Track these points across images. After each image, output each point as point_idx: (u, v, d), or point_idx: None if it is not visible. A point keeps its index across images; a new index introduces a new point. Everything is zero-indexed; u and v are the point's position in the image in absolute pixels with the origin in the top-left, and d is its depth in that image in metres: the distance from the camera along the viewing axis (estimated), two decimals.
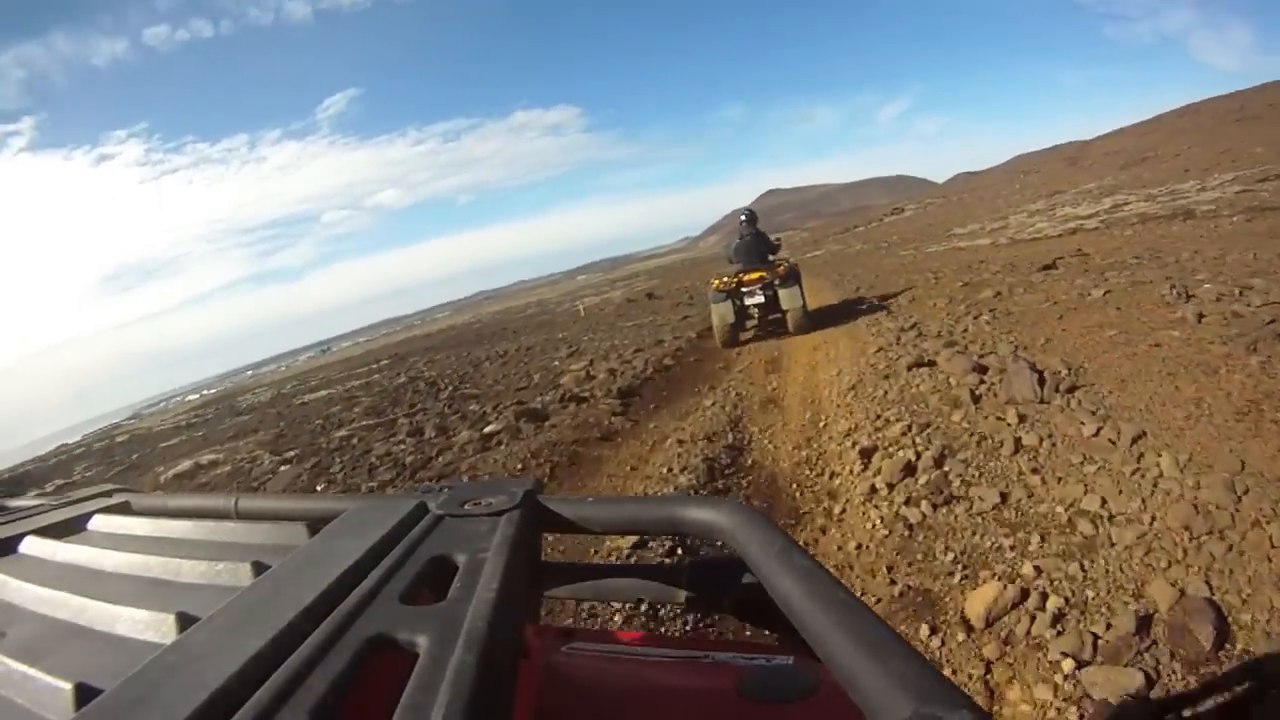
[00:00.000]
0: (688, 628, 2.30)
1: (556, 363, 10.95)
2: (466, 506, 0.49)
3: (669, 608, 2.36)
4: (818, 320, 8.48)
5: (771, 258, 8.75)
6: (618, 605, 2.39)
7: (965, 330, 6.11)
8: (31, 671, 0.36)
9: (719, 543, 0.46)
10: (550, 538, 0.63)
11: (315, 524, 0.51)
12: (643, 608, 2.36)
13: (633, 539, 2.82)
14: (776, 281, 8.07)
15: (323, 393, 18.33)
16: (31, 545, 0.58)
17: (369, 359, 29.50)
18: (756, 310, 8.31)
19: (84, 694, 0.33)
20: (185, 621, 0.38)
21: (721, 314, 8.27)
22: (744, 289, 8.17)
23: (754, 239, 8.85)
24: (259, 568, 0.44)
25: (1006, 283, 8.31)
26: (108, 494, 0.73)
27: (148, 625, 0.40)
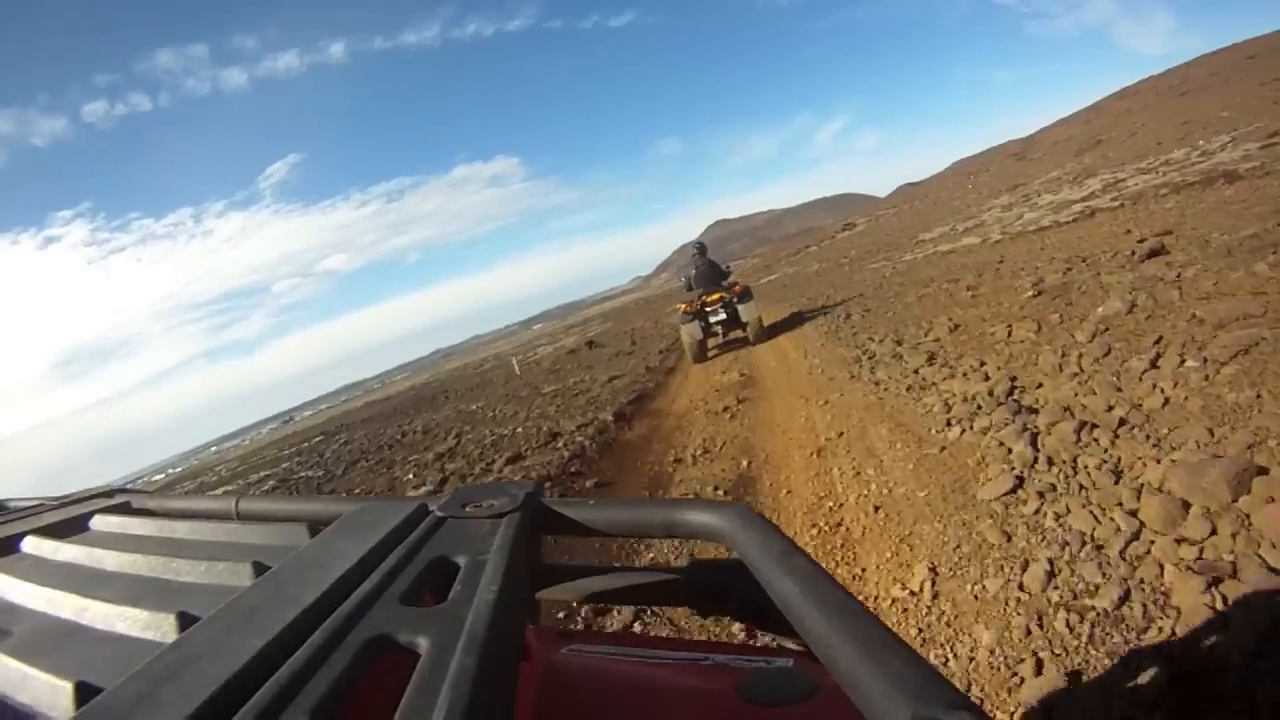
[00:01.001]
0: (688, 630, 2.04)
1: (411, 475, 7.17)
2: (468, 509, 0.48)
3: (669, 609, 2.18)
4: (797, 372, 5.28)
5: (725, 282, 9.42)
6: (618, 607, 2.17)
7: (1182, 407, 2.55)
8: (32, 670, 0.36)
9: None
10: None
11: (316, 525, 0.51)
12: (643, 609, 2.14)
13: None
14: (735, 299, 8.85)
15: (219, 491, 15.08)
16: (32, 545, 0.57)
17: (310, 434, 27.55)
18: (720, 327, 9.07)
19: (84, 693, 0.33)
20: (186, 621, 0.37)
21: (690, 332, 8.92)
22: (707, 309, 8.93)
23: (708, 267, 9.65)
24: (260, 568, 0.44)
25: (1112, 285, 4.89)
26: (109, 494, 0.72)
27: (148, 625, 0.39)
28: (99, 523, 0.62)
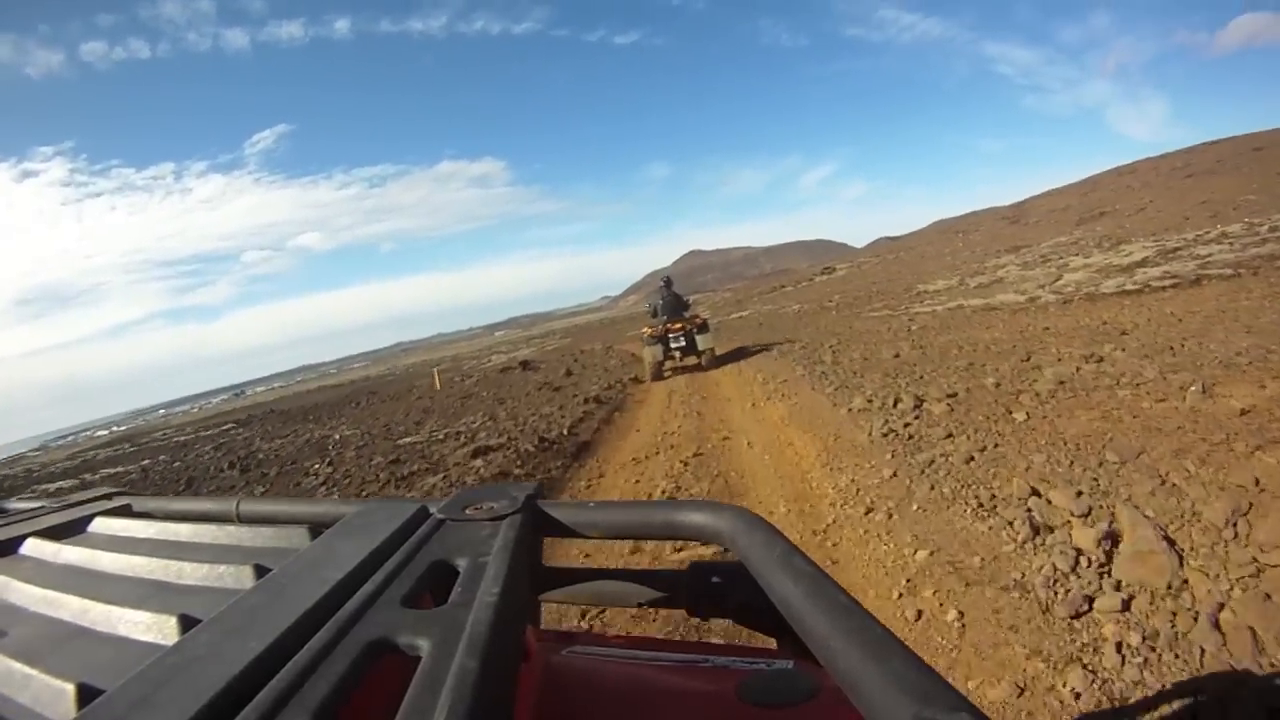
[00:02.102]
0: (689, 631, 2.09)
1: None
2: (468, 511, 0.48)
3: (670, 611, 2.15)
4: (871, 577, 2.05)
5: (685, 313, 10.72)
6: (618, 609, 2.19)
7: None
8: (33, 672, 0.36)
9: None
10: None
11: (317, 527, 0.51)
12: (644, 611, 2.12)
13: None
14: (694, 330, 10.22)
15: (117, 467, 14.73)
16: (33, 547, 0.57)
17: (238, 414, 27.50)
18: (678, 351, 10.27)
19: (85, 694, 0.33)
20: (187, 623, 0.37)
21: (653, 354, 10.11)
22: (670, 335, 10.22)
23: (673, 298, 10.99)
24: (261, 570, 0.43)
25: None
26: (109, 496, 0.73)
27: (150, 627, 0.39)
28: (100, 525, 0.62)
